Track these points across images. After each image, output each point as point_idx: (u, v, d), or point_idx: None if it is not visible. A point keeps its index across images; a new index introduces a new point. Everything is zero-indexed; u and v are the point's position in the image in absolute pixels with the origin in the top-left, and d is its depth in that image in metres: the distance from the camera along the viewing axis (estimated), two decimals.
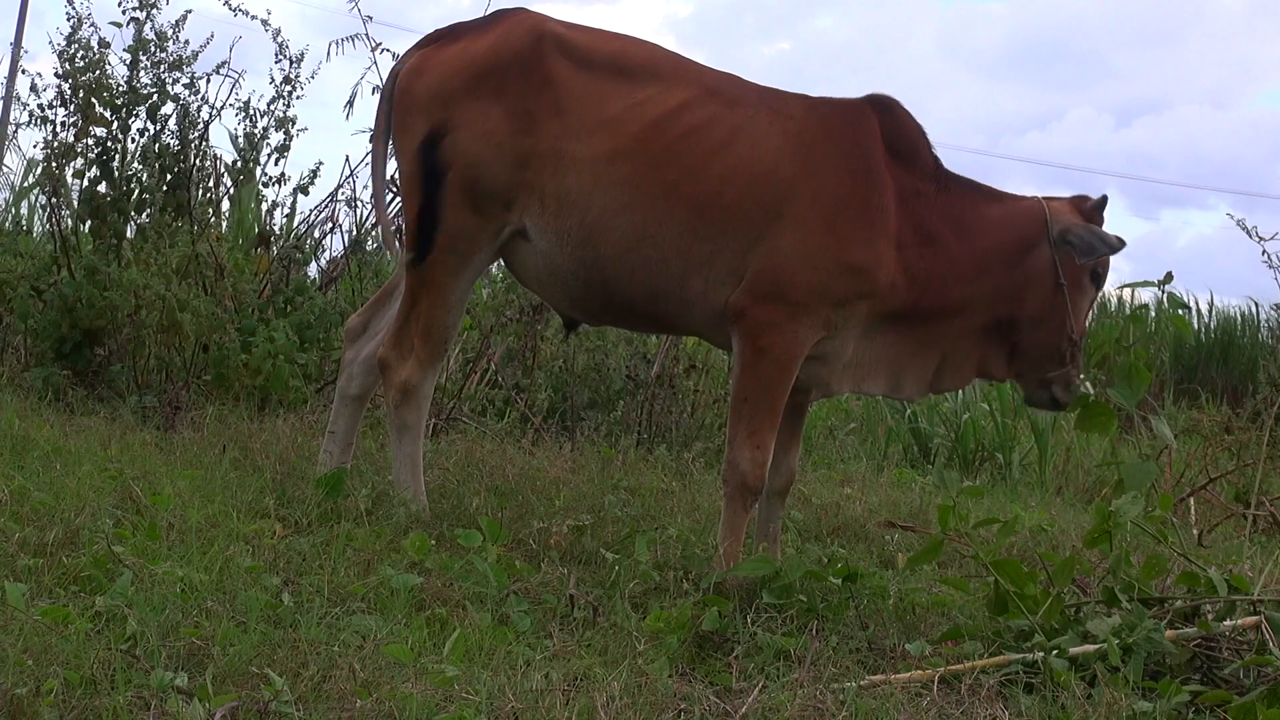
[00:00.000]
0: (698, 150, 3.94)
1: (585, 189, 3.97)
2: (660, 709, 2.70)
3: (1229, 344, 14.59)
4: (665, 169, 3.94)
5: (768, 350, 3.86)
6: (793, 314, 3.85)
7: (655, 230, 3.94)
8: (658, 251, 3.95)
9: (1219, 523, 6.02)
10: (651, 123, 3.96)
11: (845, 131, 3.97)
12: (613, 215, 3.96)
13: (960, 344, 4.10)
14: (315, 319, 6.17)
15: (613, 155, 3.96)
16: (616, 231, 3.96)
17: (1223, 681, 3.12)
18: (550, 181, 4.00)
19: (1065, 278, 4.00)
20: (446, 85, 4.12)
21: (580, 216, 3.98)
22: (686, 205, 3.92)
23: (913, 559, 3.77)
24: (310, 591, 3.14)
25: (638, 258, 3.97)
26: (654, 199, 3.93)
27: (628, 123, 3.98)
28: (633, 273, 3.99)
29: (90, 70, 6.01)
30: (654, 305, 4.06)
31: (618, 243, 3.97)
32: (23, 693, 2.35)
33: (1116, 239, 3.99)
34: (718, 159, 3.93)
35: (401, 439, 4.24)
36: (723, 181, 3.92)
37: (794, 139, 3.96)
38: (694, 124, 3.96)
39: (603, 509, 4.41)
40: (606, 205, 3.96)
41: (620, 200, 3.95)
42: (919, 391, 4.17)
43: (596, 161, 3.97)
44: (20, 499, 3.54)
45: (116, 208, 6.04)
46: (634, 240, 3.96)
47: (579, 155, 3.98)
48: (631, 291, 4.03)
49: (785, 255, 3.87)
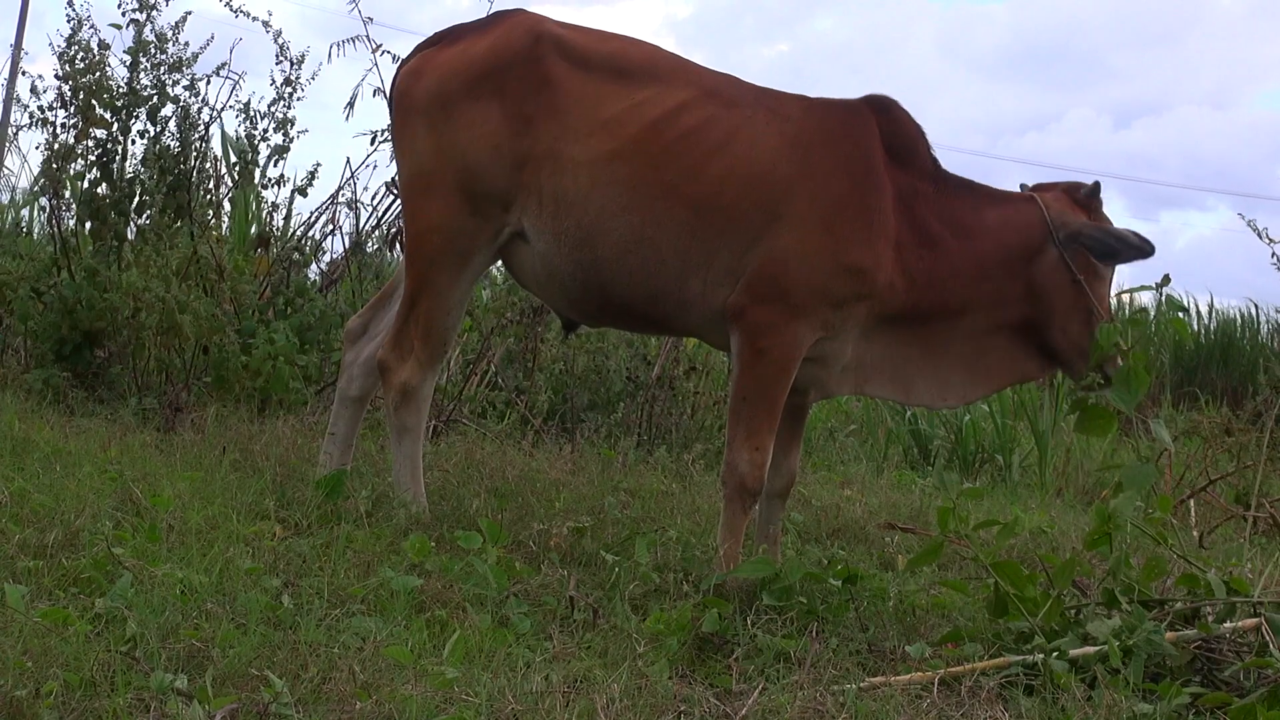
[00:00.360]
0: (696, 151, 3.93)
1: (583, 190, 3.97)
2: (660, 711, 2.70)
3: (1229, 345, 14.60)
4: (663, 170, 3.93)
5: (766, 351, 3.85)
6: (791, 315, 3.84)
7: (653, 231, 3.93)
8: (656, 253, 3.95)
9: (1219, 524, 6.02)
10: (650, 124, 3.96)
11: (843, 132, 3.97)
12: (610, 216, 3.95)
13: (978, 348, 4.04)
14: (315, 321, 6.17)
15: (611, 156, 3.96)
16: (614, 233, 3.96)
17: (1223, 683, 3.11)
18: (548, 183, 4.00)
19: (1080, 272, 3.98)
20: (445, 87, 4.12)
21: (578, 218, 3.98)
22: (684, 206, 3.92)
23: (913, 560, 3.77)
24: (310, 593, 3.14)
25: (636, 259, 3.97)
26: (652, 200, 3.93)
27: (626, 124, 3.97)
28: (631, 274, 3.99)
29: (90, 72, 6.01)
30: (652, 307, 4.05)
31: (616, 244, 3.96)
32: (22, 694, 2.35)
33: (1140, 240, 3.96)
34: (715, 160, 3.92)
35: (401, 440, 4.24)
36: (720, 182, 3.91)
37: (791, 140, 3.95)
38: (692, 125, 3.95)
39: (603, 511, 4.41)
40: (604, 206, 3.95)
41: (618, 201, 3.94)
42: (938, 398, 4.11)
43: (594, 163, 3.97)
44: (20, 500, 3.54)
45: (117, 209, 6.04)
46: (632, 241, 3.95)
47: (577, 156, 3.98)
48: (630, 293, 4.03)
49: (783, 256, 3.86)
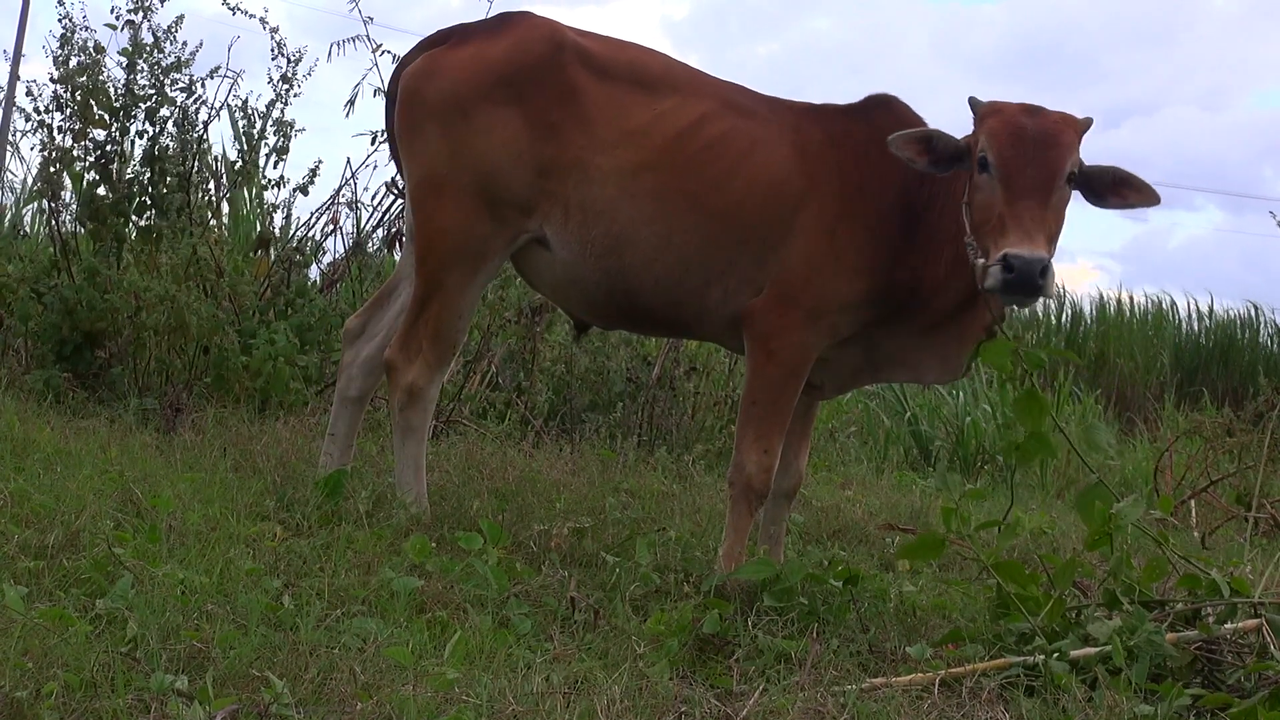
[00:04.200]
0: (720, 162, 3.97)
1: (611, 200, 4.00)
2: (661, 712, 2.70)
3: (1229, 347, 14.62)
4: (688, 181, 3.97)
5: (777, 354, 3.88)
6: (802, 320, 3.87)
7: (679, 240, 3.97)
8: (681, 261, 3.98)
9: (1220, 525, 6.02)
10: (675, 135, 4.00)
11: (844, 138, 3.98)
12: (639, 226, 3.98)
13: (968, 319, 3.93)
14: (315, 321, 6.16)
15: (638, 168, 3.99)
16: (642, 242, 3.99)
17: (1224, 684, 3.11)
18: (574, 192, 4.02)
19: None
20: (461, 89, 4.10)
21: (606, 227, 4.00)
22: (708, 216, 3.96)
23: (907, 549, 3.68)
24: (310, 594, 3.13)
25: (661, 267, 4.00)
26: (679, 210, 3.97)
27: (652, 135, 4.01)
28: (656, 282, 4.02)
29: (87, 74, 6.00)
30: (674, 312, 4.09)
31: (643, 253, 4.00)
32: (23, 695, 2.35)
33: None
34: (737, 170, 3.96)
35: (405, 441, 4.24)
36: (741, 192, 3.95)
37: (800, 148, 3.98)
38: (715, 136, 3.99)
39: (603, 511, 4.41)
40: (633, 216, 3.98)
41: (646, 211, 3.98)
42: (945, 375, 4.10)
43: (622, 173, 3.99)
44: (20, 501, 3.53)
45: (116, 210, 6.04)
46: (658, 250, 3.99)
47: (604, 167, 4.01)
48: (654, 300, 4.06)
49: (795, 262, 3.89)
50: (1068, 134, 3.61)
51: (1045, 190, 3.54)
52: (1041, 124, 3.61)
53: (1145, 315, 15.19)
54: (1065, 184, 3.58)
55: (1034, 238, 3.46)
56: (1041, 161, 3.55)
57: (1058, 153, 3.57)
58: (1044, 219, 3.51)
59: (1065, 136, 3.60)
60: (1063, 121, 3.64)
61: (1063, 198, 3.60)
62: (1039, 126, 3.60)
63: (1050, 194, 3.54)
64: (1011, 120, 3.61)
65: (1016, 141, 3.57)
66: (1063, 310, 15.42)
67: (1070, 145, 3.60)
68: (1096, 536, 3.53)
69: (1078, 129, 3.66)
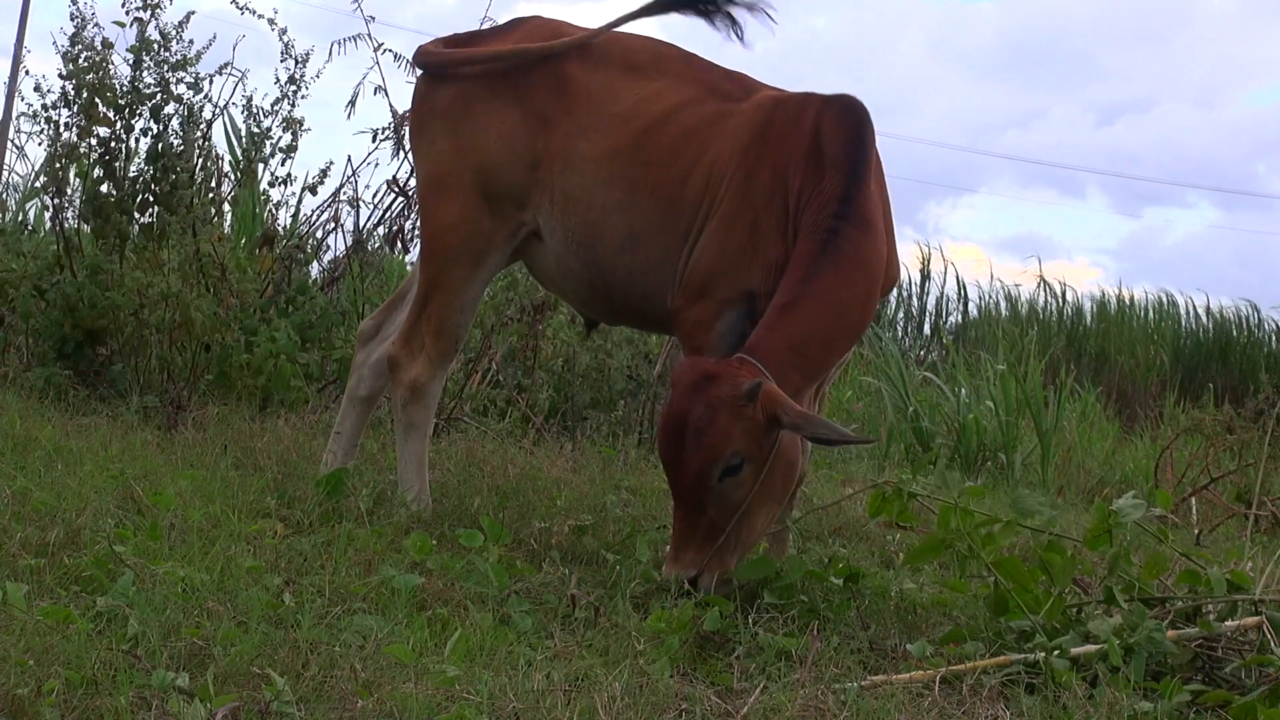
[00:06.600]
0: (682, 149, 3.88)
1: (587, 186, 3.96)
2: (662, 709, 2.70)
3: (1227, 345, 14.64)
4: (651, 168, 3.91)
5: (703, 351, 3.74)
6: (718, 311, 3.75)
7: (641, 229, 3.91)
8: (644, 251, 3.92)
9: (1220, 523, 6.02)
10: (648, 122, 3.94)
11: (778, 129, 3.84)
12: (609, 213, 3.94)
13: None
14: (317, 319, 6.17)
15: (611, 153, 3.95)
16: (611, 230, 3.94)
17: (1224, 681, 3.11)
18: (559, 179, 4.00)
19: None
20: (466, 89, 4.12)
21: (582, 214, 3.97)
22: (664, 204, 3.88)
23: (911, 555, 3.71)
24: (311, 592, 3.13)
25: (629, 257, 3.95)
26: (641, 198, 3.91)
27: (630, 120, 3.96)
28: (629, 273, 3.97)
29: (94, 70, 6.01)
30: (645, 305, 4.02)
31: (613, 242, 3.95)
32: (24, 693, 2.35)
33: None
34: (690, 158, 3.87)
35: (408, 438, 4.24)
36: (686, 179, 3.86)
37: (740, 137, 3.86)
38: (689, 125, 3.92)
39: (604, 509, 4.41)
40: (604, 203, 3.94)
41: (614, 198, 3.93)
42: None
43: (598, 159, 3.96)
44: (22, 499, 3.54)
45: (120, 208, 6.04)
46: (625, 239, 3.93)
47: (584, 152, 3.97)
48: (628, 292, 4.01)
49: (710, 253, 3.79)
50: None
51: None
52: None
53: (1145, 313, 15.21)
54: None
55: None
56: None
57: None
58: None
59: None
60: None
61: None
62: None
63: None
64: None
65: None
66: (1063, 309, 15.44)
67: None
68: (1097, 535, 3.53)
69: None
